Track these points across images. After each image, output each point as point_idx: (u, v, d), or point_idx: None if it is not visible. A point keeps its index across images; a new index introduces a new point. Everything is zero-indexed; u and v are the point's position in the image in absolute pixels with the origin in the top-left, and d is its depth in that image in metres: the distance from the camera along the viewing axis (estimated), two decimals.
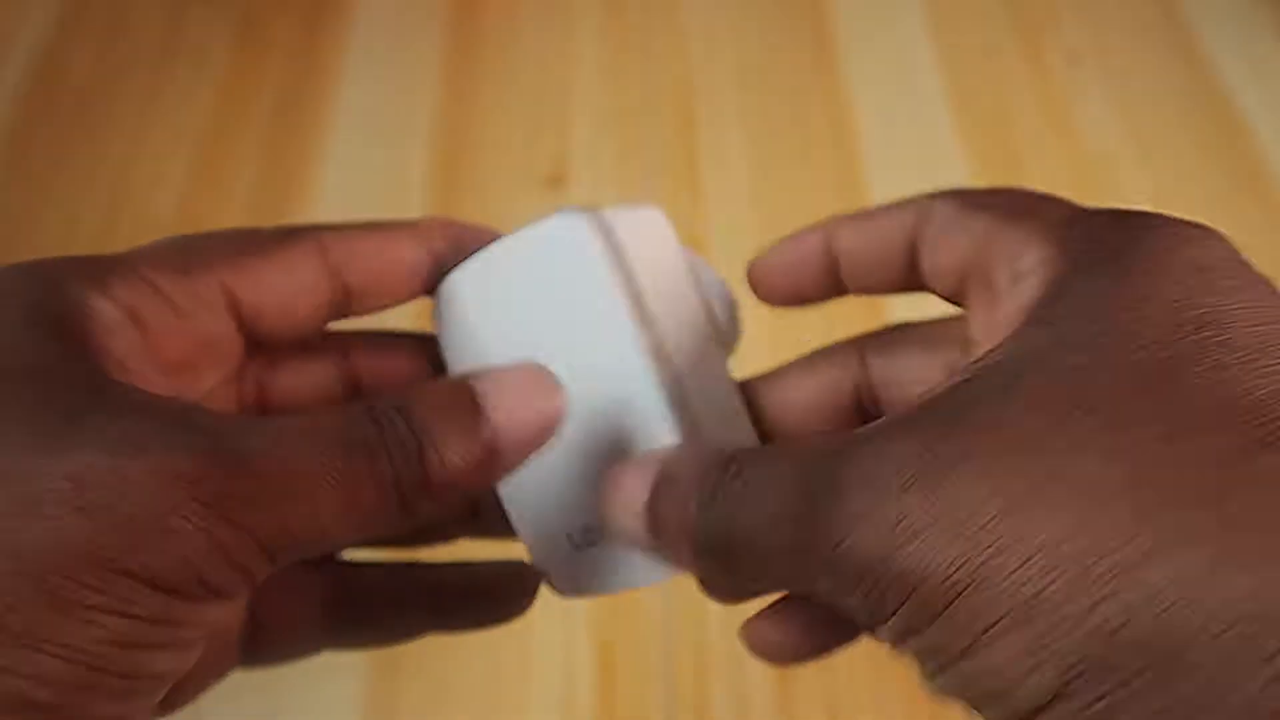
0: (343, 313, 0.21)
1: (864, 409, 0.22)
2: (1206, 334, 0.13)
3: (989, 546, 0.12)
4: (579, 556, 0.20)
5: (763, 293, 0.22)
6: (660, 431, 0.18)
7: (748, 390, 0.22)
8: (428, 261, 0.21)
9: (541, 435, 0.18)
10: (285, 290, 0.19)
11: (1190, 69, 0.60)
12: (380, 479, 0.16)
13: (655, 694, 0.40)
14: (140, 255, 0.18)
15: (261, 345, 0.20)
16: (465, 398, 0.17)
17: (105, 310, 0.17)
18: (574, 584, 0.20)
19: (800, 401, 0.21)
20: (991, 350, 0.15)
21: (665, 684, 0.40)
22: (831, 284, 0.21)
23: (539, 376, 0.18)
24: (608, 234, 0.19)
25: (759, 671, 0.40)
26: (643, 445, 0.18)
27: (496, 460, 0.17)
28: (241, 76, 0.61)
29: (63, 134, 0.58)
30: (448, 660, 0.41)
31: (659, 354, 0.19)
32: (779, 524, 0.14)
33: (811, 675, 0.40)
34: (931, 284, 0.19)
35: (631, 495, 0.17)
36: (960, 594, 0.12)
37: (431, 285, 0.21)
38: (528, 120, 0.58)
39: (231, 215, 0.54)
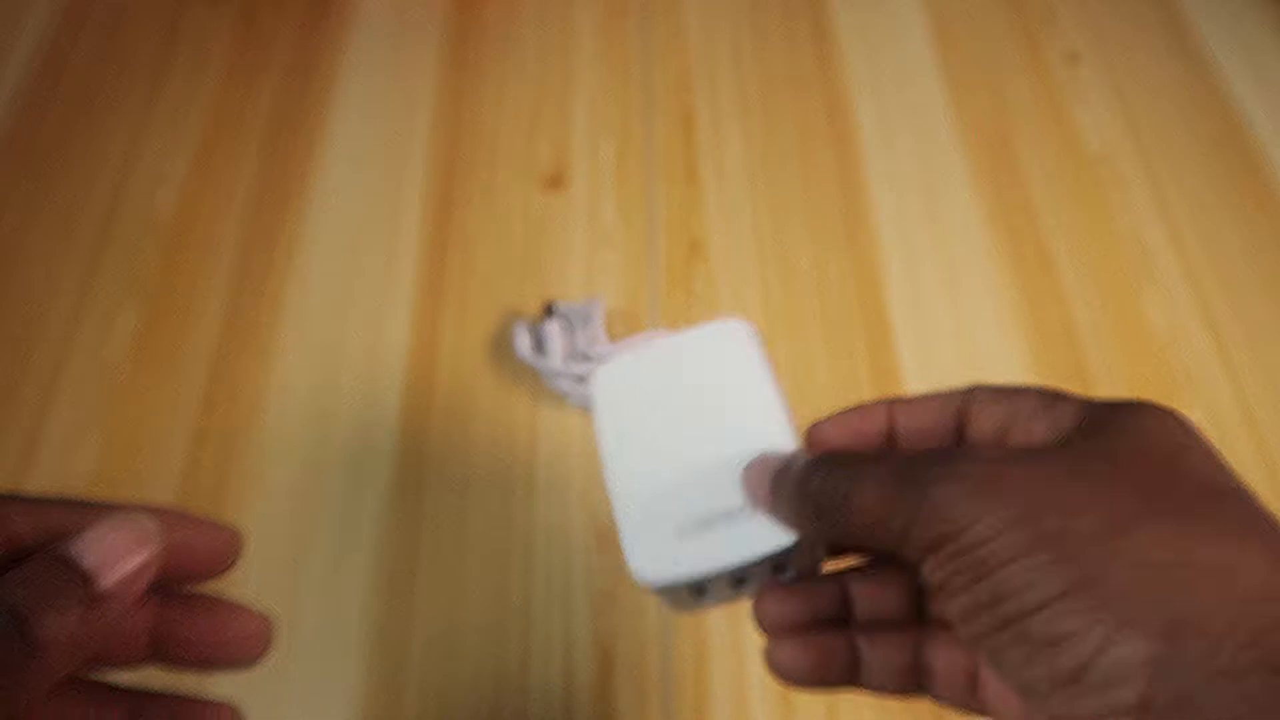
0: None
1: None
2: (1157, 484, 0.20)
3: (985, 524, 0.19)
4: (677, 545, 0.25)
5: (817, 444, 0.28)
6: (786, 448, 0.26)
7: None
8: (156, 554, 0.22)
9: (141, 577, 0.21)
10: None
11: (1190, 69, 0.60)
12: None
13: (655, 693, 0.40)
14: None
15: None
16: (60, 568, 0.20)
17: None
18: (663, 567, 0.25)
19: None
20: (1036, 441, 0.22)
21: (665, 684, 0.40)
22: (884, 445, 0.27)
23: (131, 527, 0.21)
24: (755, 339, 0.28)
25: (758, 671, 0.40)
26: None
27: (104, 607, 0.20)
28: (241, 76, 0.61)
29: (63, 133, 0.58)
30: (449, 661, 0.41)
31: (788, 413, 0.27)
32: (878, 494, 0.21)
33: None
34: (974, 439, 0.25)
35: (763, 474, 0.24)
36: (972, 545, 0.19)
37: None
38: (528, 120, 0.58)
39: (232, 215, 0.54)
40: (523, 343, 0.46)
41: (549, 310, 0.48)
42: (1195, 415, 0.47)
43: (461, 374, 0.49)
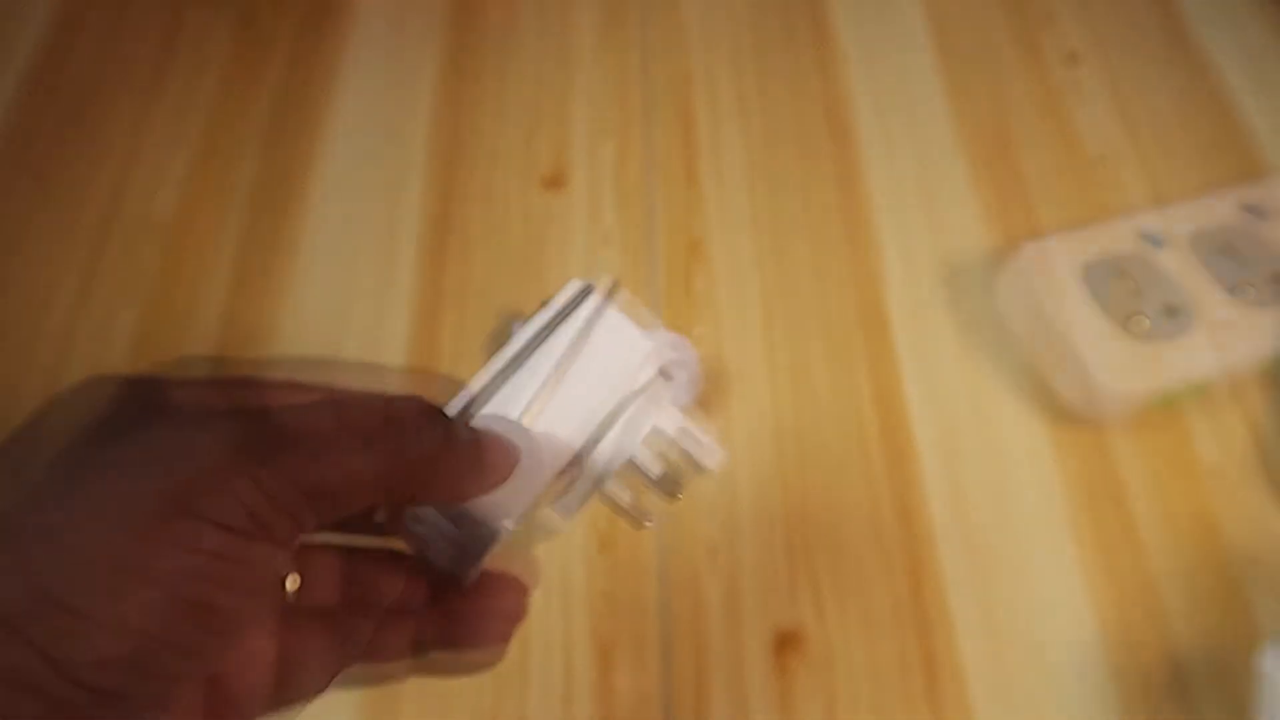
0: None
1: None
2: None
3: None
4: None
5: None
6: None
7: None
8: None
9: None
10: None
11: (1190, 69, 0.60)
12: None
13: (654, 692, 0.40)
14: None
15: None
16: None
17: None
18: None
19: None
20: None
21: (664, 682, 0.40)
22: None
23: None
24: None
25: (758, 669, 0.40)
26: None
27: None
28: (241, 77, 0.61)
29: (63, 134, 0.58)
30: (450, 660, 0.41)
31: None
32: None
33: (810, 673, 0.40)
34: None
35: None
36: None
37: None
38: (528, 121, 0.58)
39: (232, 215, 0.54)
40: None
41: None
42: (1196, 417, 0.47)
43: (461, 373, 0.49)
